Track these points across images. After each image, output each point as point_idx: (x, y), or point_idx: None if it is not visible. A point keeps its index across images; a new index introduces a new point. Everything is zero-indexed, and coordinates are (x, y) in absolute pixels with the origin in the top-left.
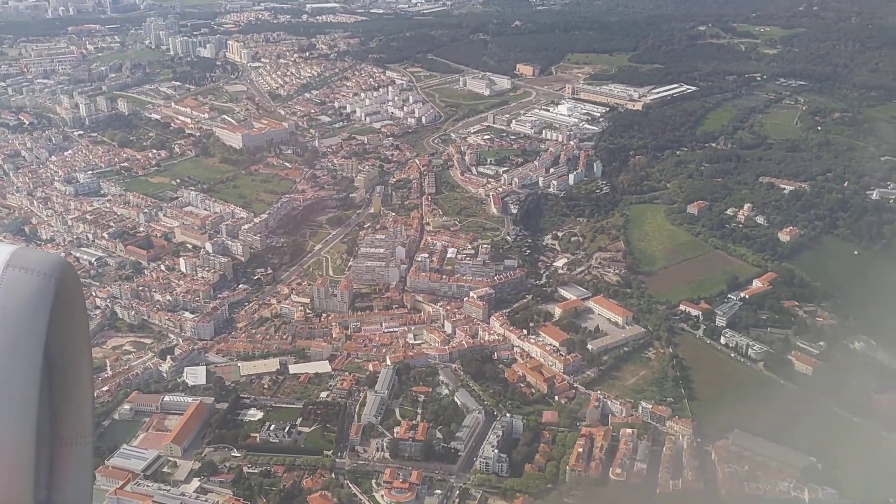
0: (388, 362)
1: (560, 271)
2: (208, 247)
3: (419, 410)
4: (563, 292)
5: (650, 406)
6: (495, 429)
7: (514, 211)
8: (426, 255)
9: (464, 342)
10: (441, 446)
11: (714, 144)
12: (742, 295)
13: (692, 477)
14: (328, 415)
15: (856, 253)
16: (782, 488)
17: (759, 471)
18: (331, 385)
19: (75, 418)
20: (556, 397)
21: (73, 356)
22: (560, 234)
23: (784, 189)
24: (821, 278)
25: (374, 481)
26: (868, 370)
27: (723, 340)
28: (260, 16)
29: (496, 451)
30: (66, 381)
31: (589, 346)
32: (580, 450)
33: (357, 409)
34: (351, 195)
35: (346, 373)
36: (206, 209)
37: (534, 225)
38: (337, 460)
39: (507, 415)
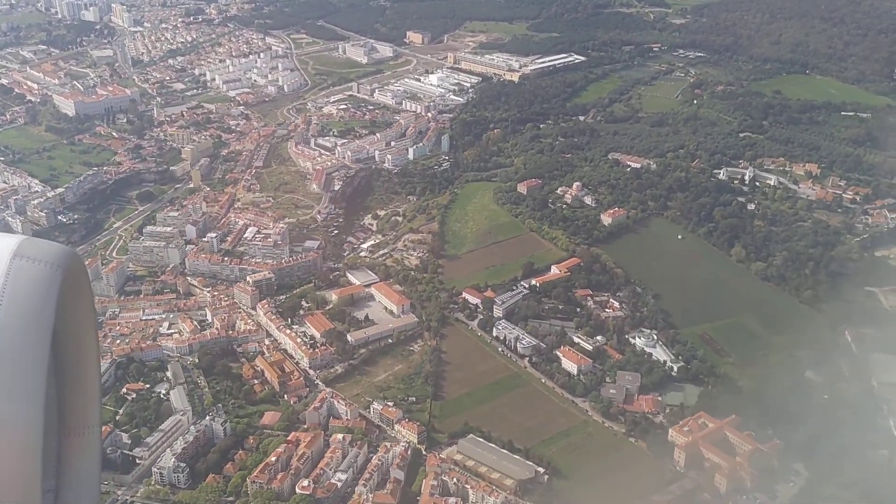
0: (113, 355)
1: (363, 254)
2: None
3: (120, 411)
4: (350, 277)
5: (381, 407)
6: (187, 434)
7: (337, 187)
8: (213, 235)
9: (209, 333)
10: (119, 453)
11: (582, 118)
12: (533, 282)
13: (391, 490)
14: None
15: (679, 237)
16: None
17: (475, 483)
18: None
19: (82, 408)
20: (286, 396)
21: (80, 346)
22: (382, 213)
23: (629, 167)
24: (627, 265)
25: None
26: (638, 369)
27: (495, 332)
28: None
29: (174, 459)
30: (72, 372)
31: (349, 338)
32: (273, 458)
33: None
34: (172, 168)
35: None
36: (4, 182)
37: (359, 203)
38: None
39: (207, 417)
